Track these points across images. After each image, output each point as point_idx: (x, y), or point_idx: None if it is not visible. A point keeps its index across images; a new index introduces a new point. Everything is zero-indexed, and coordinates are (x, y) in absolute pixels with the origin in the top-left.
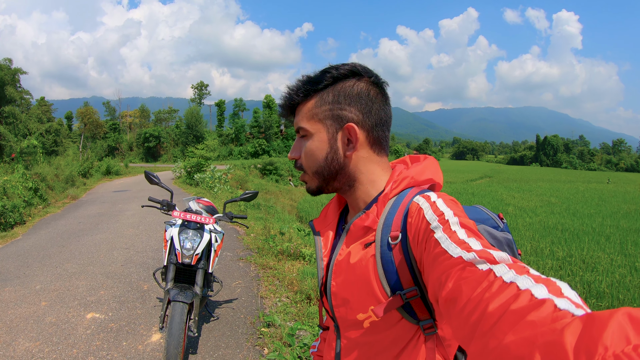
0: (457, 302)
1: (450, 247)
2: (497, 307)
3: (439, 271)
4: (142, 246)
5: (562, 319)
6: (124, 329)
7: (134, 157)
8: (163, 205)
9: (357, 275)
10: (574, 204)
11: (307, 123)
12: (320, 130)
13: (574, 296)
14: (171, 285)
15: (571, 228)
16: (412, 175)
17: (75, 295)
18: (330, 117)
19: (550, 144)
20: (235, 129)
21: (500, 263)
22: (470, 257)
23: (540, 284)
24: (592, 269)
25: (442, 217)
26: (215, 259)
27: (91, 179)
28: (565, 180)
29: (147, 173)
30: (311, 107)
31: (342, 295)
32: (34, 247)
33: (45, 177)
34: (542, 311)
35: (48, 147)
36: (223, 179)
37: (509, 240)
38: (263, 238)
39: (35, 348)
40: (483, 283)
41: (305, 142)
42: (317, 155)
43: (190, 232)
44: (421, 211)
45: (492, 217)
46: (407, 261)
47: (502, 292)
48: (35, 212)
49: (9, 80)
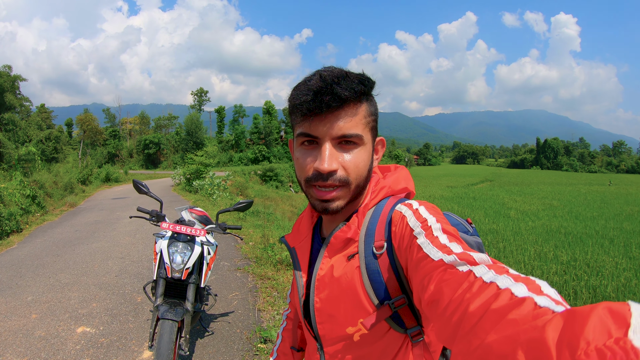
0: (439, 304)
1: (432, 251)
2: (478, 306)
3: (422, 275)
4: (138, 255)
5: (543, 315)
6: (115, 344)
7: (134, 164)
8: (152, 215)
9: (342, 288)
10: (576, 207)
11: (363, 130)
12: (369, 141)
13: (554, 293)
14: (161, 301)
15: (574, 231)
16: (389, 184)
17: (66, 307)
18: (374, 128)
19: (551, 146)
20: (235, 135)
21: (480, 264)
22: (450, 260)
23: (520, 282)
24: (597, 273)
25: (425, 224)
26: (208, 273)
27: (90, 186)
28: (567, 183)
29: (135, 182)
30: (365, 114)
31: (327, 311)
32: (29, 256)
33: (43, 185)
34: (522, 309)
35: (48, 154)
36: (222, 185)
37: (479, 243)
38: (262, 247)
39: None
40: (464, 284)
41: (353, 150)
42: (362, 167)
43: (180, 245)
44: (404, 218)
45: (462, 223)
46: (394, 269)
47: (482, 292)
48: (33, 220)
49: (8, 87)
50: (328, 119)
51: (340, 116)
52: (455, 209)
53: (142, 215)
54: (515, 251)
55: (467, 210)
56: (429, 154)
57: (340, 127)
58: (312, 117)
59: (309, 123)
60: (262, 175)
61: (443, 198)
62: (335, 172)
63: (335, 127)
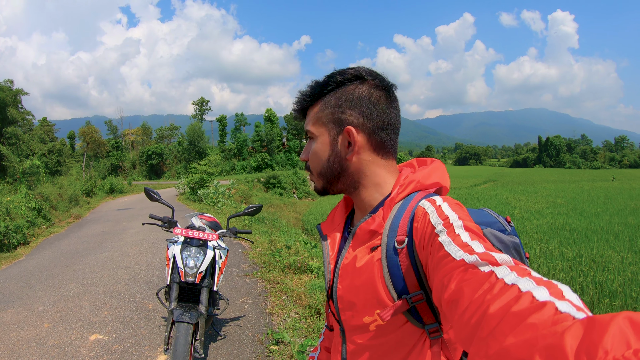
0: (458, 304)
1: (454, 250)
2: (498, 309)
3: (442, 274)
4: (146, 264)
5: (563, 321)
6: (129, 350)
7: (137, 175)
8: (164, 222)
9: (363, 279)
10: (580, 204)
11: (312, 126)
12: (323, 134)
13: (576, 299)
14: (175, 305)
15: (579, 228)
16: (419, 179)
17: (78, 316)
18: (332, 120)
19: (553, 144)
20: (238, 144)
21: (502, 265)
22: (472, 260)
23: (542, 286)
24: (603, 268)
25: (447, 221)
26: (220, 276)
27: (95, 197)
28: (570, 180)
29: (147, 190)
30: (317, 111)
31: (348, 299)
32: (37, 268)
33: (48, 197)
34: (543, 314)
35: (51, 167)
36: (227, 194)
37: (516, 243)
38: (269, 252)
39: None
40: (484, 285)
41: (311, 143)
42: (320, 157)
43: (193, 250)
44: (427, 215)
45: (499, 221)
46: (413, 265)
47: (503, 294)
48: (39, 232)
49: (10, 101)
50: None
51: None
52: None
53: (154, 222)
54: None
55: None
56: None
57: (304, 127)
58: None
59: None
60: (265, 183)
61: None
62: (307, 162)
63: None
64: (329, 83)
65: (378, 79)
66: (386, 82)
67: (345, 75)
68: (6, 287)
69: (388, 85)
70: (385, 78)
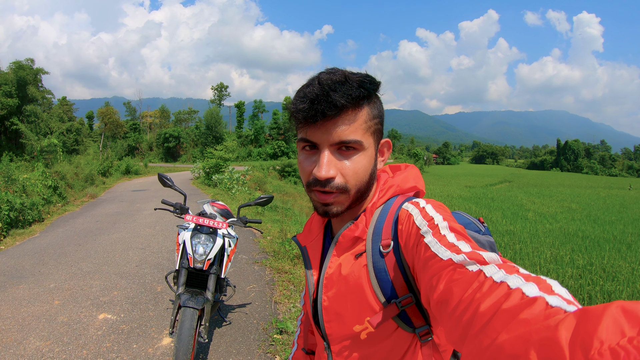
0: (448, 304)
1: (440, 250)
2: (488, 306)
3: (430, 274)
4: (158, 247)
5: (555, 315)
6: (135, 330)
7: (154, 157)
8: (176, 208)
9: (350, 286)
10: (595, 211)
11: (363, 136)
12: (371, 146)
13: (565, 293)
14: (182, 290)
15: (592, 235)
16: (398, 183)
17: (88, 295)
18: (377, 131)
19: (571, 148)
20: (255, 130)
21: (490, 263)
22: (460, 259)
23: (531, 282)
24: (613, 279)
25: (432, 222)
26: (229, 264)
27: (110, 178)
28: (586, 185)
29: (160, 175)
30: (366, 118)
31: (335, 309)
32: (51, 245)
33: (65, 176)
34: (534, 309)
35: (69, 146)
36: (241, 180)
37: (491, 242)
38: (279, 241)
39: (46, 347)
40: (474, 284)
41: (352, 157)
42: (367, 171)
43: (203, 237)
44: (411, 217)
45: (473, 222)
46: (401, 268)
47: (493, 292)
48: (54, 210)
49: (30, 80)
50: (326, 126)
51: (338, 123)
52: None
53: (167, 208)
54: (532, 253)
55: (485, 210)
56: (448, 153)
57: (339, 134)
58: (310, 124)
59: (307, 129)
60: (280, 171)
61: (461, 198)
62: (333, 179)
63: (334, 134)
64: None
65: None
66: None
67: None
68: (19, 263)
69: None
70: None
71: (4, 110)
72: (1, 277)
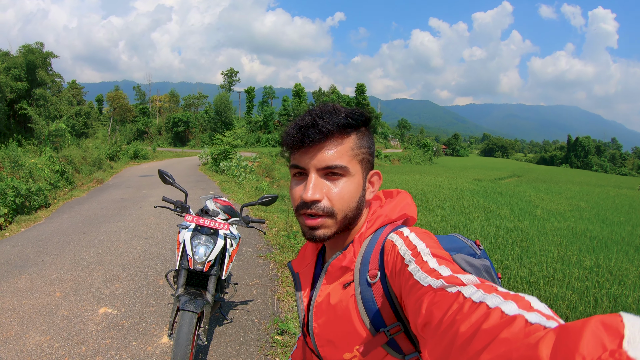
0: (430, 326)
1: (422, 277)
2: (468, 327)
3: (413, 300)
4: (162, 236)
5: (535, 332)
6: (135, 327)
7: (162, 142)
8: (177, 206)
9: (338, 315)
10: (603, 210)
11: (349, 162)
12: (358, 173)
13: (544, 308)
14: (182, 291)
15: (600, 236)
16: (386, 213)
17: (90, 287)
18: (366, 160)
19: (582, 145)
20: (264, 117)
21: (468, 285)
22: (438, 284)
23: (509, 300)
24: (620, 282)
25: (415, 250)
26: (230, 265)
27: (118, 162)
28: (596, 184)
29: (161, 172)
30: (352, 146)
31: (325, 337)
32: (55, 233)
33: (72, 160)
34: (513, 327)
35: (78, 129)
36: (249, 168)
37: (486, 266)
38: (285, 234)
39: (45, 343)
40: (453, 305)
41: (338, 182)
42: (353, 198)
43: (204, 238)
44: (395, 247)
45: (469, 245)
46: (388, 297)
47: (472, 313)
48: (61, 195)
49: (40, 63)
50: (312, 151)
51: (325, 148)
52: (480, 203)
53: (167, 206)
54: (539, 252)
55: (493, 205)
56: (457, 145)
57: (325, 159)
58: (298, 149)
59: (296, 155)
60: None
61: (469, 191)
62: (319, 202)
63: (319, 158)
64: (362, 117)
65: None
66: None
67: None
68: (23, 251)
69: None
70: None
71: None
72: (4, 266)
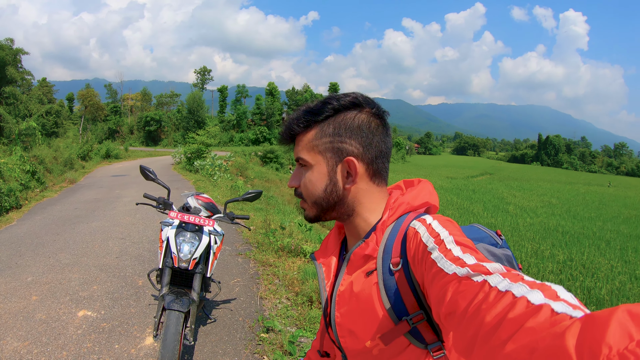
0: (455, 315)
1: (446, 265)
2: (494, 316)
3: (437, 289)
4: (138, 236)
5: (561, 322)
6: (117, 329)
7: (134, 141)
8: (159, 203)
9: (361, 304)
10: (574, 206)
11: (307, 154)
12: (320, 162)
13: (571, 298)
14: (166, 291)
15: (571, 231)
16: (408, 200)
17: (67, 289)
18: (330, 149)
19: (552, 143)
20: (237, 115)
21: (494, 273)
22: (464, 272)
23: (536, 289)
24: (592, 275)
25: (438, 238)
26: (214, 262)
27: (90, 162)
28: (566, 181)
29: (142, 167)
30: (311, 139)
31: (347, 326)
32: (28, 235)
33: (43, 160)
34: (539, 317)
35: (48, 129)
36: (223, 166)
37: (508, 256)
38: (263, 232)
39: (24, 349)
40: (479, 294)
41: (305, 172)
42: (316, 186)
43: (188, 235)
44: (418, 235)
45: (490, 235)
46: (411, 286)
47: (498, 302)
48: (32, 196)
49: (10, 60)
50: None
51: (296, 143)
52: (454, 200)
53: (149, 203)
54: (513, 247)
55: (467, 202)
56: (430, 143)
57: (295, 152)
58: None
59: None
60: (262, 157)
61: (442, 189)
62: (297, 188)
63: (294, 153)
64: (324, 110)
65: (375, 107)
66: (381, 110)
67: (342, 102)
68: None
69: (383, 113)
70: (380, 106)
71: None
72: None
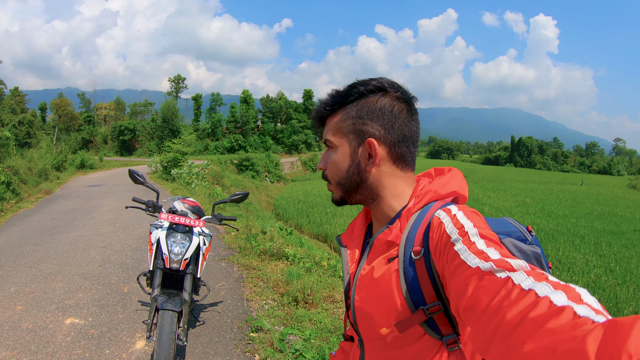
0: (475, 311)
1: (469, 257)
2: (515, 314)
3: (458, 282)
4: (120, 245)
5: (583, 325)
6: (106, 335)
7: (109, 151)
8: (149, 206)
9: (380, 290)
10: (548, 205)
11: (332, 136)
12: (343, 144)
13: (594, 302)
14: (158, 292)
15: (546, 228)
16: (435, 189)
17: (52, 298)
18: (352, 131)
19: (525, 145)
20: (212, 124)
21: (519, 271)
22: (487, 267)
23: (559, 290)
24: (569, 269)
25: (462, 230)
26: (204, 263)
27: (65, 172)
28: (539, 181)
29: (131, 171)
30: (337, 121)
31: (365, 310)
32: (7, 246)
33: (18, 171)
34: (561, 318)
35: (21, 139)
36: (201, 174)
37: (537, 253)
38: (244, 237)
39: (13, 358)
40: (501, 291)
41: (331, 154)
42: (340, 167)
43: (179, 236)
44: (442, 225)
45: (520, 230)
46: (430, 276)
47: (520, 300)
48: (8, 207)
49: None
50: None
51: (325, 125)
52: None
53: (138, 206)
54: None
55: None
56: None
57: (323, 135)
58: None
59: None
60: (238, 165)
61: None
62: (324, 171)
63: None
64: (350, 93)
65: (400, 91)
66: (408, 95)
67: (367, 86)
68: None
69: (409, 97)
70: (407, 90)
71: None
72: None
